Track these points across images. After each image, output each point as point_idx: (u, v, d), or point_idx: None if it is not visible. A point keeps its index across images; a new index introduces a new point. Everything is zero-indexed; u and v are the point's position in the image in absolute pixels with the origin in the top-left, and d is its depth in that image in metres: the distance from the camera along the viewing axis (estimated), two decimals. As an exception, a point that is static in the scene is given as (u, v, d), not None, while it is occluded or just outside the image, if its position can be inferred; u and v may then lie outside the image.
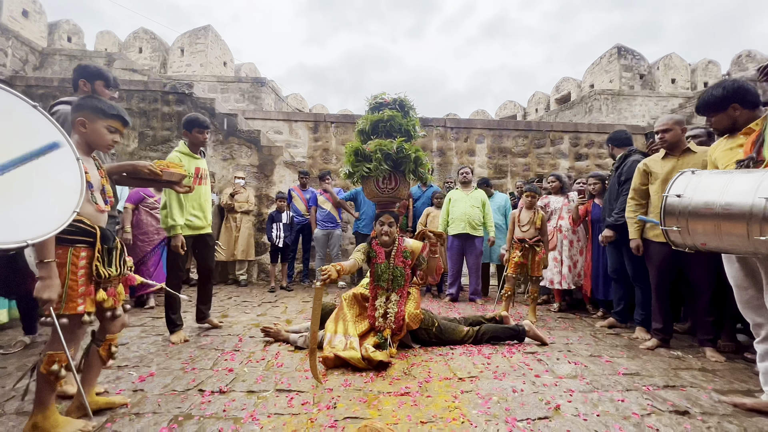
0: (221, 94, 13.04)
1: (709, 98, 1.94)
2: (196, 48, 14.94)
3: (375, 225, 2.62)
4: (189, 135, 2.69)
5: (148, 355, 2.33)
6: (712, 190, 1.56)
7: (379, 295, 2.51)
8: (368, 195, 2.86)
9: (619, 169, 3.06)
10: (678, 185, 1.71)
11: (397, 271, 2.53)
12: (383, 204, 2.84)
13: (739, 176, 1.53)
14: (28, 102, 1.30)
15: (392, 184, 2.80)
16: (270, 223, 4.97)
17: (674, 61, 15.79)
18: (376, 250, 2.57)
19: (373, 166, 2.69)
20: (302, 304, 4.08)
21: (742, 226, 1.43)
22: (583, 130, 7.72)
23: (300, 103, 21.09)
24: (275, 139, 7.28)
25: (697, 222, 1.60)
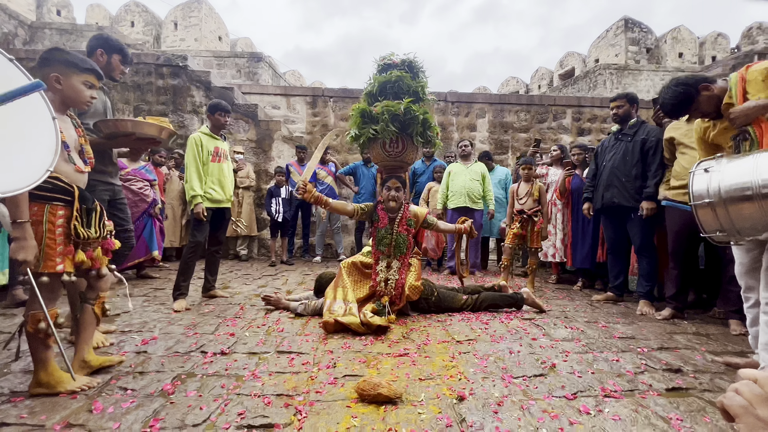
0: (217, 69, 12.72)
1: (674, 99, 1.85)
2: (190, 21, 14.50)
3: (382, 190, 2.57)
4: (212, 118, 2.90)
5: (150, 321, 2.36)
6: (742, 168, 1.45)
7: (381, 260, 2.50)
8: (374, 159, 2.79)
9: (635, 136, 2.92)
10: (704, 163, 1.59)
11: (400, 238, 2.50)
12: (390, 168, 2.74)
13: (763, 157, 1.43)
14: (4, 55, 1.24)
15: (399, 147, 2.71)
16: (269, 198, 4.95)
17: (683, 34, 15.32)
18: (379, 215, 2.54)
19: (380, 128, 2.59)
20: (302, 277, 4.11)
21: None
22: (586, 104, 7.57)
23: (298, 80, 20.64)
24: (273, 114, 7.17)
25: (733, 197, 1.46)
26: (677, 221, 2.56)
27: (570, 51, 17.81)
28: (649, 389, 1.50)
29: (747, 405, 0.41)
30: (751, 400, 0.41)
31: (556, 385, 1.52)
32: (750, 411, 0.39)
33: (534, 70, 19.62)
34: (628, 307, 2.90)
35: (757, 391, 0.41)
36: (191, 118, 5.83)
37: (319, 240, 5.39)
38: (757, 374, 0.42)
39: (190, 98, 5.84)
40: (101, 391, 1.45)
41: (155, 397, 1.41)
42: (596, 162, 3.20)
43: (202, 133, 2.88)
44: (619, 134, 3.07)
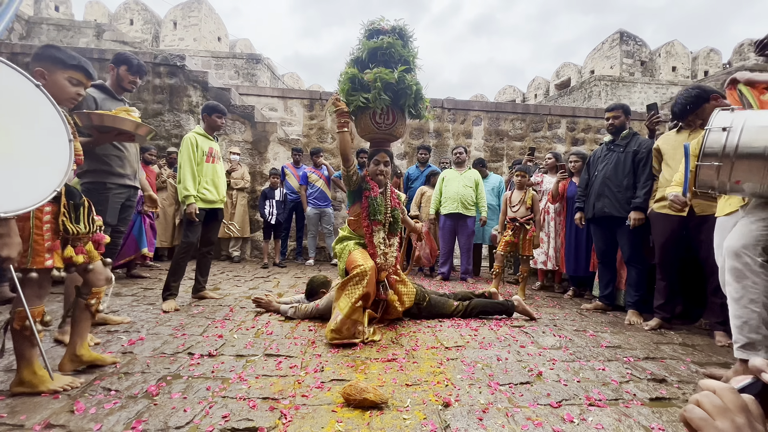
0: (215, 69, 12.73)
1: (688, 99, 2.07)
2: (190, 21, 14.50)
3: (369, 164, 2.46)
4: (207, 119, 2.94)
5: (138, 322, 2.34)
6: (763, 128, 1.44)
7: (376, 232, 2.37)
8: (362, 132, 2.52)
9: (627, 147, 2.97)
10: (720, 119, 1.54)
11: (396, 213, 2.46)
12: (378, 141, 2.53)
13: None
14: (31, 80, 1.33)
15: (390, 119, 2.47)
16: (263, 200, 4.94)
17: (676, 49, 15.62)
18: (370, 183, 2.40)
19: (372, 96, 2.33)
20: (294, 280, 4.10)
21: None
22: (581, 115, 7.67)
23: (296, 83, 20.69)
24: (270, 116, 7.16)
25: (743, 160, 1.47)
26: (663, 232, 2.58)
27: (566, 62, 18.07)
28: (633, 398, 1.52)
29: (707, 417, 0.41)
30: (710, 412, 0.41)
31: (542, 393, 1.53)
32: (710, 423, 0.40)
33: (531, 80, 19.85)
34: (616, 317, 2.93)
35: (716, 403, 0.41)
36: (187, 118, 5.82)
37: (312, 243, 5.38)
38: (716, 385, 0.43)
39: (186, 98, 5.83)
40: (84, 392, 1.43)
41: (139, 399, 1.40)
42: (588, 172, 3.23)
43: (197, 133, 2.90)
44: (611, 145, 3.10)
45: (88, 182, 2.15)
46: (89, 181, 2.15)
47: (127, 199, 2.30)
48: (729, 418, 0.40)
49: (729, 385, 0.43)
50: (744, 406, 0.41)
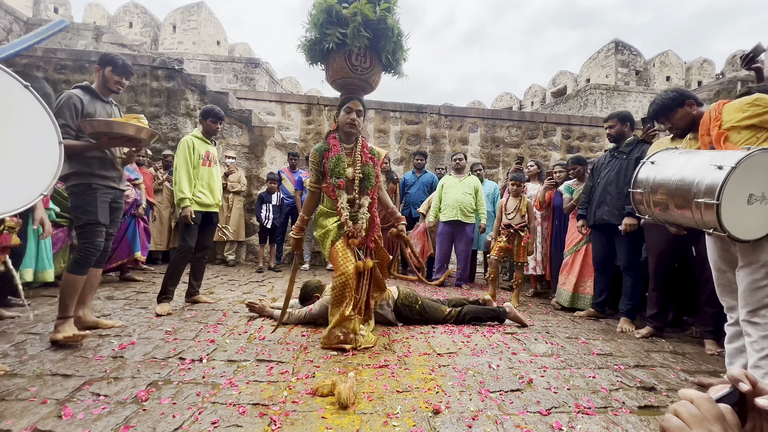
0: (214, 73, 12.77)
1: (663, 101, 2.08)
2: (189, 25, 14.56)
3: (338, 113, 2.20)
4: (204, 123, 2.94)
5: (130, 326, 2.33)
6: (677, 163, 1.67)
7: (339, 194, 2.13)
8: (334, 74, 2.19)
9: (630, 154, 2.95)
10: (659, 155, 1.80)
11: (366, 168, 2.17)
12: (350, 88, 2.23)
13: (699, 154, 1.65)
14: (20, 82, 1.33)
15: (367, 63, 2.18)
16: (260, 204, 4.94)
17: (670, 59, 15.84)
18: (329, 143, 2.16)
19: (350, 32, 2.04)
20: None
21: (688, 195, 1.54)
22: (576, 123, 7.76)
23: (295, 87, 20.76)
24: (267, 120, 7.19)
25: (656, 189, 1.71)
26: (657, 242, 2.59)
27: (562, 70, 18.27)
28: (622, 406, 1.53)
29: (684, 427, 0.41)
30: (687, 421, 0.41)
31: (532, 401, 1.54)
32: None
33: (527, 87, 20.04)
34: (609, 324, 2.94)
35: (693, 412, 0.41)
36: (184, 121, 5.82)
37: (307, 248, 5.38)
38: (694, 395, 0.43)
39: (184, 101, 5.84)
40: (72, 396, 1.42)
41: (128, 404, 1.39)
42: (592, 179, 3.20)
43: (194, 136, 2.90)
44: (614, 152, 3.09)
45: (73, 185, 2.11)
46: (74, 184, 2.11)
47: (113, 201, 2.24)
48: (705, 428, 0.40)
49: (707, 395, 0.43)
50: (721, 416, 0.41)
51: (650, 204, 1.75)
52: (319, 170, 2.18)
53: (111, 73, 2.21)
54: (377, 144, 7.32)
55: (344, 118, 2.15)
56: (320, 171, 2.18)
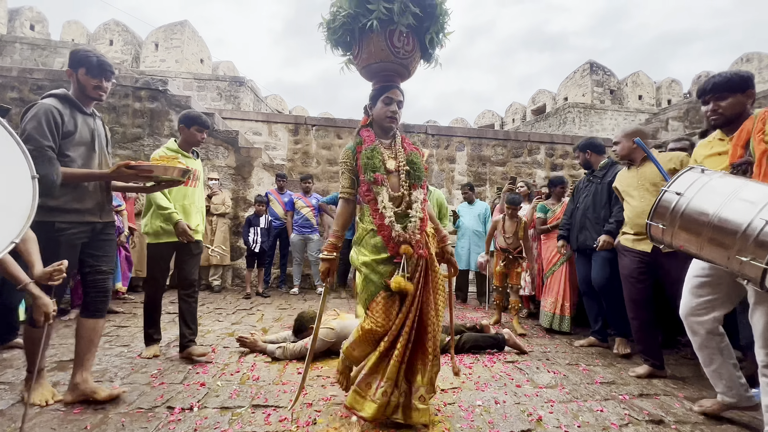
0: (198, 92, 12.66)
1: (732, 76, 1.72)
2: (172, 43, 14.46)
3: (374, 105, 1.75)
4: (186, 131, 2.43)
5: (111, 369, 2.17)
6: (715, 195, 1.42)
7: (377, 192, 1.63)
8: (369, 58, 1.77)
9: (604, 177, 2.97)
10: (682, 182, 1.54)
11: (412, 157, 1.73)
12: (388, 74, 1.80)
13: (749, 186, 1.38)
14: None
15: (410, 45, 1.78)
16: (247, 227, 4.81)
17: (641, 79, 16.68)
18: (362, 136, 1.75)
19: (397, 7, 1.68)
20: (279, 312, 3.95)
21: (731, 239, 1.33)
22: (558, 141, 7.98)
23: (280, 104, 20.79)
24: (254, 140, 7.11)
25: (687, 225, 1.48)
26: (627, 266, 2.49)
27: (541, 89, 18.96)
28: (635, 445, 1.50)
29: None
30: None
31: (545, 443, 1.49)
32: None
33: (508, 105, 20.66)
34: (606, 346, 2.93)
35: None
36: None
37: (297, 271, 5.24)
38: None
39: (168, 122, 5.71)
40: (50, 463, 1.29)
41: (113, 470, 1.26)
42: (574, 202, 3.23)
43: (169, 149, 2.39)
44: (590, 176, 3.13)
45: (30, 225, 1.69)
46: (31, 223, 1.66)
47: (95, 237, 1.81)
48: None
49: None
50: None
51: (674, 237, 1.53)
52: (353, 170, 1.71)
53: (86, 77, 1.74)
54: (365, 163, 7.33)
55: (383, 110, 1.72)
56: (354, 171, 1.72)
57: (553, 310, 3.39)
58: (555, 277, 3.44)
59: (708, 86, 1.74)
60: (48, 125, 1.61)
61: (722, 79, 1.71)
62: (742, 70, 1.79)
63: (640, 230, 2.38)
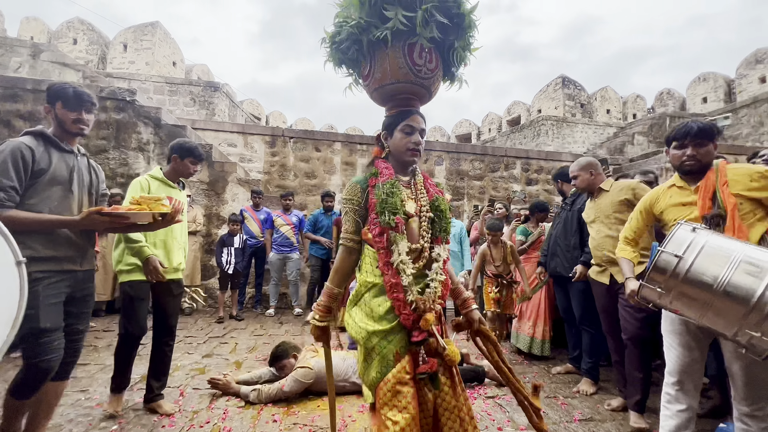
0: (170, 96, 12.20)
1: (708, 125, 1.72)
2: (142, 45, 13.88)
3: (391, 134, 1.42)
4: (179, 162, 2.25)
5: (65, 425, 1.99)
6: (719, 259, 1.36)
7: (393, 240, 1.27)
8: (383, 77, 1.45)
9: (573, 205, 2.98)
10: (676, 241, 1.46)
11: (439, 202, 1.41)
12: (406, 97, 1.47)
13: (752, 250, 1.34)
14: None
15: (433, 62, 1.46)
16: (220, 248, 4.62)
17: (609, 94, 17.48)
18: (379, 167, 1.40)
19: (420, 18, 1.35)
20: (254, 339, 3.80)
21: (739, 310, 1.27)
22: (533, 157, 8.20)
23: (256, 109, 20.37)
24: (228, 152, 6.89)
25: (688, 291, 1.39)
26: (599, 298, 2.46)
27: (516, 100, 19.53)
28: (616, 499, 1.49)
29: None
30: None
31: (528, 503, 1.46)
32: None
33: (485, 115, 21.14)
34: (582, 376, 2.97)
35: None
36: (136, 156, 5.40)
37: (273, 291, 5.09)
38: None
39: (136, 134, 5.43)
40: None
41: None
42: (553, 228, 3.24)
43: (153, 177, 2.22)
44: (563, 203, 3.16)
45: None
46: None
47: (74, 290, 1.63)
48: None
49: None
50: None
51: (672, 301, 1.44)
52: (361, 211, 1.37)
53: (64, 110, 1.61)
54: (345, 177, 7.25)
55: (403, 141, 1.38)
56: (361, 211, 1.37)
57: (532, 334, 3.41)
58: (533, 301, 3.47)
59: (691, 131, 1.70)
60: (14, 164, 1.47)
61: (703, 127, 1.70)
62: (707, 122, 1.80)
63: (599, 261, 2.40)
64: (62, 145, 1.63)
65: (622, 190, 2.33)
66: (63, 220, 1.54)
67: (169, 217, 1.67)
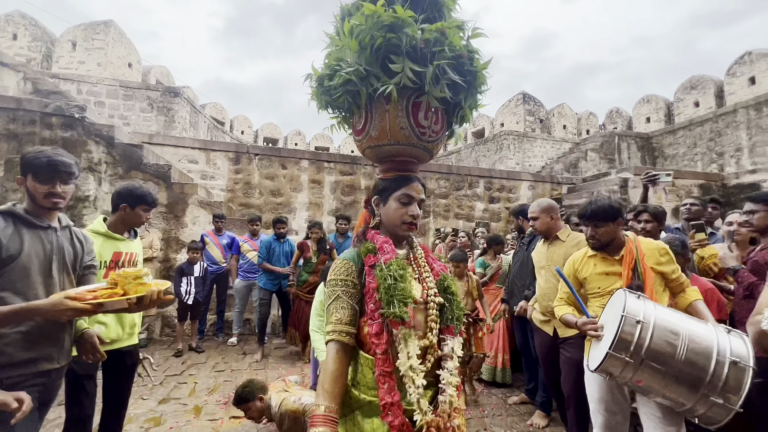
0: (124, 101, 11.52)
1: (607, 206, 1.83)
2: (93, 44, 13.01)
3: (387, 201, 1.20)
4: (127, 211, 1.99)
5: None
6: (673, 328, 1.40)
7: (400, 338, 1.03)
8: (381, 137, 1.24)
9: (529, 246, 3.05)
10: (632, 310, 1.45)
11: (448, 281, 1.20)
12: (403, 160, 1.29)
13: (693, 324, 1.43)
14: None
15: (439, 124, 1.29)
16: (179, 277, 4.43)
17: (565, 110, 18.59)
18: (376, 241, 1.17)
19: (431, 74, 1.15)
20: (214, 376, 3.68)
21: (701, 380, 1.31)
22: (496, 176, 8.55)
23: (220, 113, 19.70)
24: (189, 168, 6.63)
25: (653, 361, 1.37)
26: (539, 345, 2.51)
27: (481, 113, 20.24)
28: None
29: None
30: None
31: None
32: None
33: (451, 126, 21.73)
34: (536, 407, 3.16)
35: None
36: (85, 177, 5.06)
37: (237, 318, 4.95)
38: None
39: (86, 153, 5.09)
40: None
41: None
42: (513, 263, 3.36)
43: (95, 232, 1.93)
44: (521, 242, 3.27)
45: None
46: None
47: (52, 382, 1.45)
48: None
49: None
50: None
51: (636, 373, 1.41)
52: (356, 294, 1.10)
53: (34, 183, 1.42)
54: (312, 195, 7.20)
55: (399, 212, 1.17)
56: (358, 295, 1.10)
57: (494, 363, 3.57)
58: (494, 332, 3.63)
59: (587, 213, 1.86)
60: None
61: (599, 209, 1.83)
62: (614, 200, 1.94)
63: (544, 311, 2.45)
64: (36, 222, 1.43)
65: (576, 245, 2.37)
66: (24, 310, 1.25)
67: (149, 300, 1.34)
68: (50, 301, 1.26)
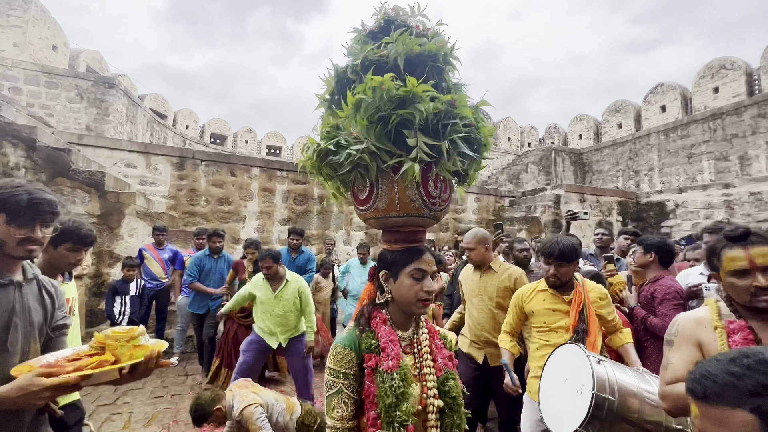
0: (47, 89, 10.36)
1: (572, 247, 1.90)
2: (8, 21, 11.48)
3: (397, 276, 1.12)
4: (50, 251, 1.62)
5: None
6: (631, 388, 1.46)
7: None
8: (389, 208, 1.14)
9: None
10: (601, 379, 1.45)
11: (450, 383, 1.11)
12: (410, 230, 1.21)
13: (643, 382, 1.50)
14: None
15: (447, 192, 1.25)
16: (111, 297, 4.10)
17: (510, 124, 19.91)
18: (378, 330, 1.08)
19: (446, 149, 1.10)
20: (152, 404, 3.51)
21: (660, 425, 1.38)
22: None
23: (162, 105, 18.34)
24: (126, 173, 6.17)
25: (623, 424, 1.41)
26: (470, 372, 2.43)
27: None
28: None
29: None
30: None
31: None
32: None
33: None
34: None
35: None
36: None
37: (179, 336, 4.71)
38: None
39: (1, 157, 4.55)
40: None
41: None
42: (453, 285, 3.49)
43: None
44: (460, 263, 3.48)
45: None
46: None
47: None
48: None
49: None
50: None
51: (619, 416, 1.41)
52: (356, 387, 1.04)
53: (7, 227, 1.10)
54: (263, 203, 7.03)
55: (413, 288, 1.08)
56: (357, 388, 1.04)
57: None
58: None
59: (555, 252, 1.91)
60: None
61: (566, 249, 1.88)
62: (575, 241, 2.01)
63: (476, 339, 2.47)
64: (3, 275, 1.11)
65: (508, 278, 2.45)
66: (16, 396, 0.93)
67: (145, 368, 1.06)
68: (16, 385, 0.93)
